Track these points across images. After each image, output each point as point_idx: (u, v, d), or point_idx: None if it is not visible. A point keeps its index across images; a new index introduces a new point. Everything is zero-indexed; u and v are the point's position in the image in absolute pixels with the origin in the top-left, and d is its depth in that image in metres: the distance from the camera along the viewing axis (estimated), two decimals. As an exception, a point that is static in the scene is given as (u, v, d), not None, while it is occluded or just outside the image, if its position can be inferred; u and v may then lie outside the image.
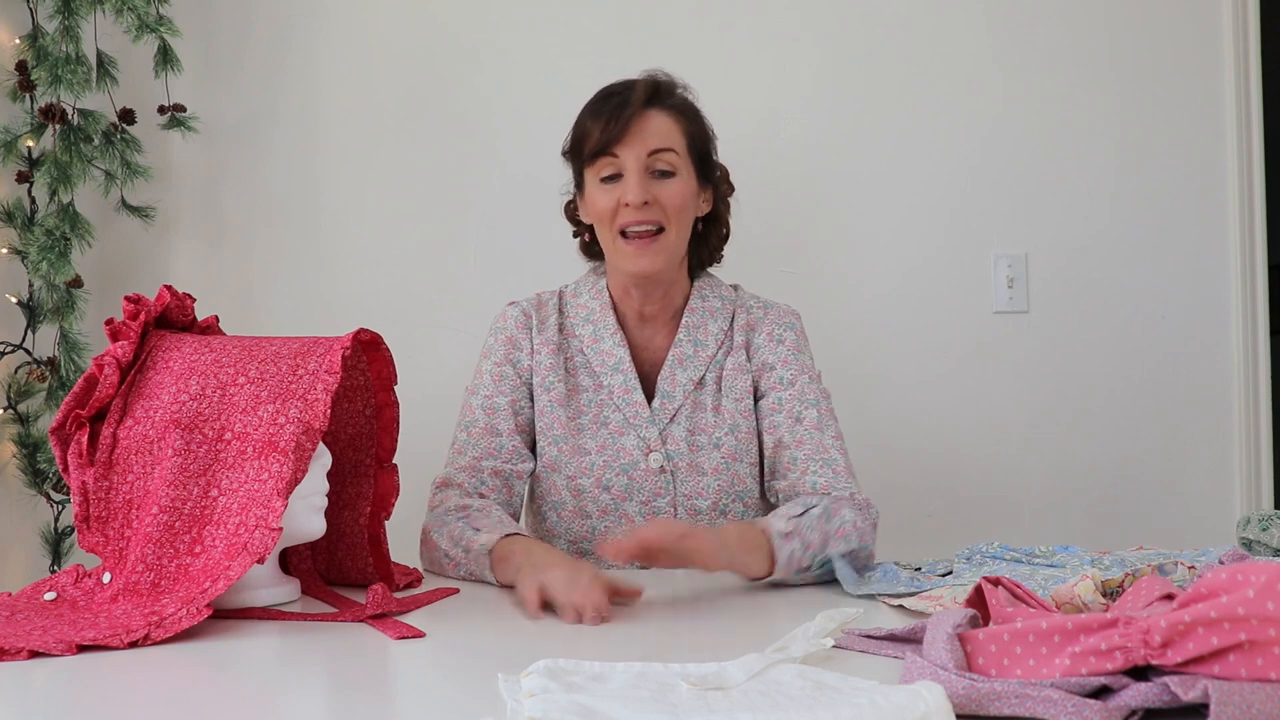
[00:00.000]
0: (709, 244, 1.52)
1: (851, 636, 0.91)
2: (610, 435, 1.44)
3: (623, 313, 1.49)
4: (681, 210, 1.41)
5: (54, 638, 0.95)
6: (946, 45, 2.19)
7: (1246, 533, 1.29)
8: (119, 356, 1.13)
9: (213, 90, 2.15)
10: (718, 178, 1.51)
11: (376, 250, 2.16)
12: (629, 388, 1.45)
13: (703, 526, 1.30)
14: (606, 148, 1.39)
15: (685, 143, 1.43)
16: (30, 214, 1.98)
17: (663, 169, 1.40)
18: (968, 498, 2.16)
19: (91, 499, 1.10)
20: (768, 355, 1.46)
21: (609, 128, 1.38)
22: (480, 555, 1.25)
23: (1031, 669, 0.67)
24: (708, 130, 1.48)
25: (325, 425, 1.09)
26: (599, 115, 1.40)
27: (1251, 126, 2.20)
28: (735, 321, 1.49)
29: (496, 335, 1.50)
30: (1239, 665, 0.61)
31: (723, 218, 1.53)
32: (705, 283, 1.52)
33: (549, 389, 1.46)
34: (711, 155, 1.49)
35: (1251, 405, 2.19)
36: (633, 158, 1.38)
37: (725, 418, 1.44)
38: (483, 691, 0.79)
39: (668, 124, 1.41)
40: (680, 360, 1.46)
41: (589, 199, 1.44)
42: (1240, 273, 2.20)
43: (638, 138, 1.39)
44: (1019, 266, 2.18)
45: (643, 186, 1.38)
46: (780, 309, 1.51)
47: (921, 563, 1.35)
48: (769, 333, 1.47)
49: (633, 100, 1.39)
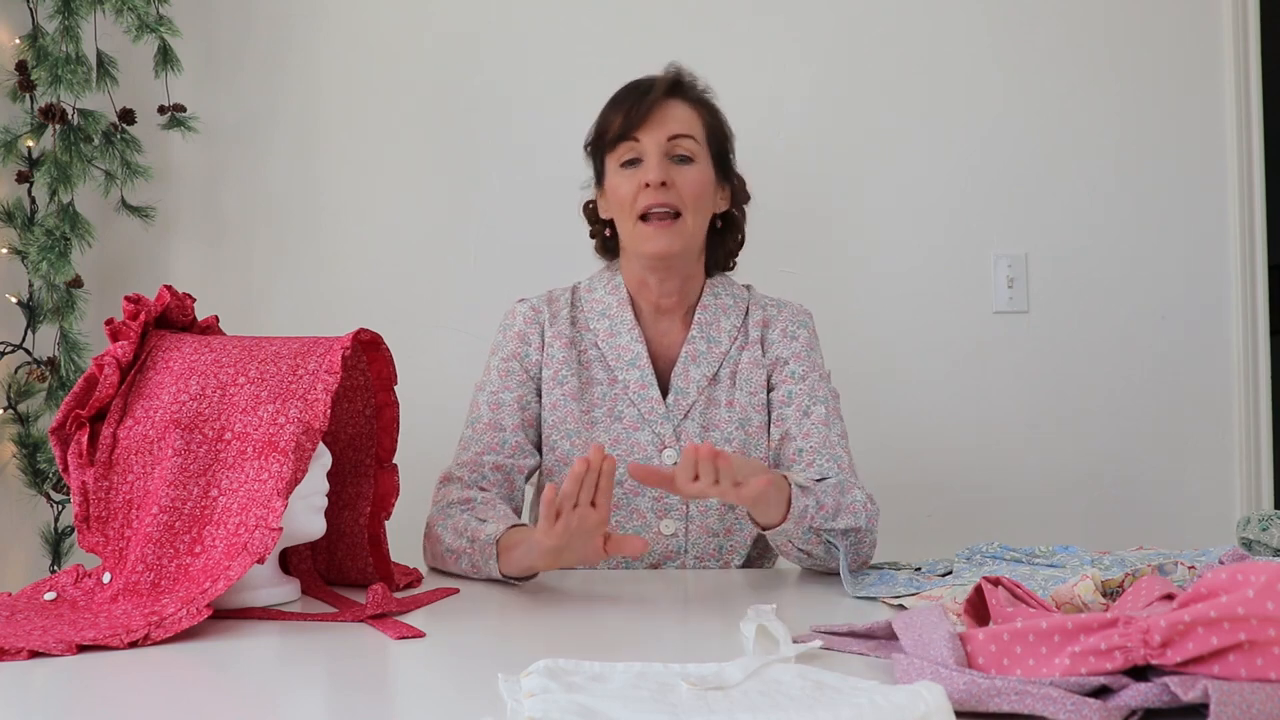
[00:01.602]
0: (725, 246, 1.54)
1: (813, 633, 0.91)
2: (624, 430, 1.45)
3: (639, 306, 1.50)
4: (699, 197, 1.43)
5: (54, 638, 0.95)
6: (947, 45, 2.19)
7: (1246, 533, 1.29)
8: (119, 356, 1.13)
9: (213, 90, 2.15)
10: (736, 184, 1.53)
11: (376, 250, 2.16)
12: (645, 383, 1.46)
13: (738, 455, 1.33)
14: (628, 133, 1.43)
15: (704, 133, 1.46)
16: (30, 214, 1.98)
17: (682, 154, 1.43)
18: (968, 498, 2.16)
19: (91, 499, 1.10)
20: (781, 350, 1.48)
21: (631, 114, 1.42)
22: (487, 545, 1.24)
23: (1032, 669, 0.67)
24: (726, 129, 1.51)
25: (325, 425, 1.09)
26: (621, 105, 1.45)
27: (1251, 126, 2.20)
28: (750, 318, 1.51)
29: (505, 332, 1.50)
30: (1239, 665, 0.61)
31: (739, 224, 1.55)
32: (718, 281, 1.53)
33: (562, 383, 1.46)
34: (729, 154, 1.51)
35: (1251, 405, 2.19)
36: (653, 142, 1.42)
37: (737, 411, 1.45)
38: (483, 691, 0.79)
39: (688, 113, 1.46)
40: (694, 356, 1.47)
41: (610, 188, 1.46)
42: (1240, 273, 2.19)
43: (658, 123, 1.43)
44: (1019, 266, 2.18)
45: (662, 167, 1.41)
46: (794, 307, 1.53)
47: (921, 563, 1.35)
48: (783, 329, 1.49)
49: (655, 89, 1.44)
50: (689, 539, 1.42)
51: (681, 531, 1.42)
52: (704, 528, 1.43)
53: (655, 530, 1.42)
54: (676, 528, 1.42)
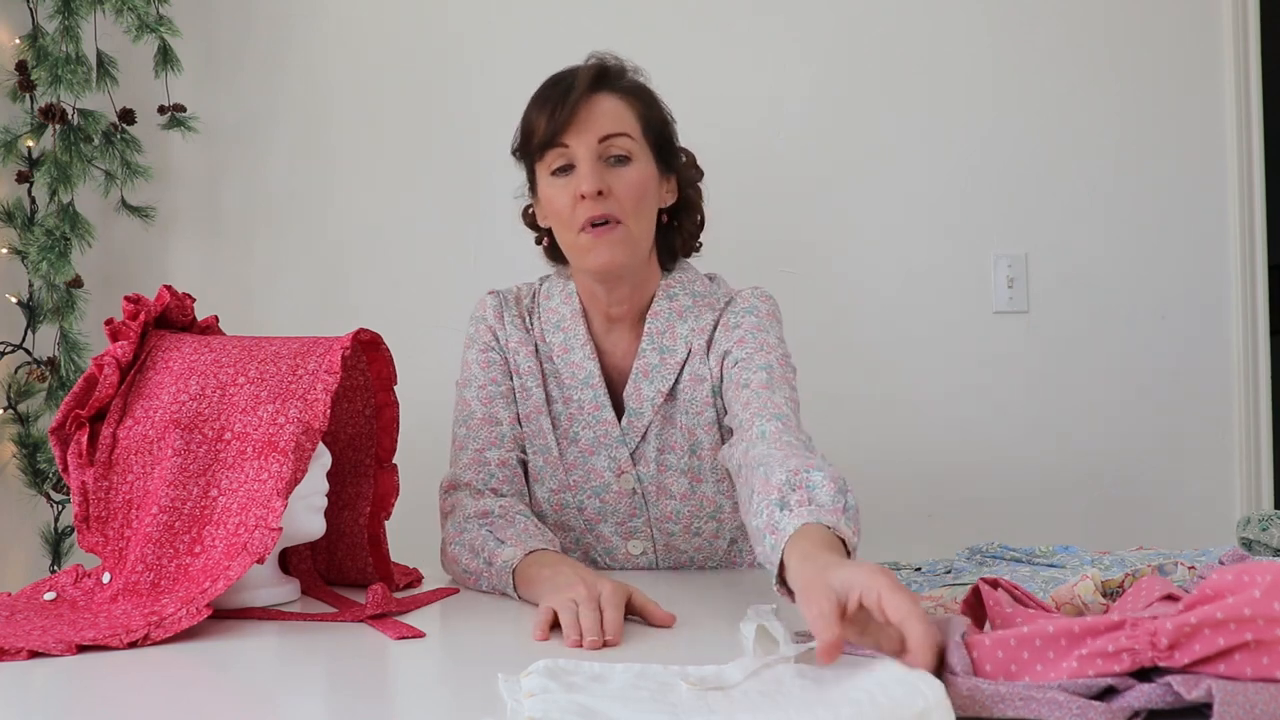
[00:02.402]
0: (683, 234, 1.42)
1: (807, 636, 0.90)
2: (580, 454, 1.37)
3: (590, 317, 1.39)
4: (640, 200, 1.31)
5: (54, 638, 0.95)
6: (947, 45, 2.19)
7: (1246, 533, 1.29)
8: (119, 356, 1.13)
9: (213, 90, 2.15)
10: (682, 164, 1.41)
11: (376, 250, 2.16)
12: (598, 403, 1.36)
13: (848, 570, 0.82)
14: (555, 138, 1.29)
15: (640, 126, 1.33)
16: (30, 214, 1.98)
17: (618, 154, 1.30)
18: (968, 498, 2.16)
19: (91, 499, 1.10)
20: (725, 344, 1.34)
21: (555, 116, 1.28)
22: (503, 572, 1.16)
23: (1039, 674, 0.67)
24: (664, 113, 1.38)
25: (325, 425, 1.08)
26: (544, 105, 1.31)
27: (1251, 126, 2.20)
28: (704, 320, 1.37)
29: (478, 325, 1.42)
30: (1244, 664, 0.61)
31: (695, 204, 1.43)
32: (675, 279, 1.40)
33: (529, 394, 1.38)
34: (672, 140, 1.39)
35: (1251, 405, 2.19)
36: (583, 146, 1.28)
37: (684, 435, 1.36)
38: (483, 691, 0.79)
39: (619, 108, 1.32)
40: (645, 371, 1.36)
41: (543, 198, 1.35)
42: (1240, 273, 2.20)
43: (586, 124, 1.29)
44: (1019, 266, 2.18)
45: (596, 175, 1.28)
46: (744, 294, 1.39)
47: (921, 563, 1.35)
48: (725, 322, 1.36)
49: (578, 85, 1.29)
50: (658, 556, 1.39)
51: (650, 550, 1.39)
52: (668, 546, 1.39)
53: (624, 552, 1.39)
54: (644, 547, 1.39)
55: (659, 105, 1.38)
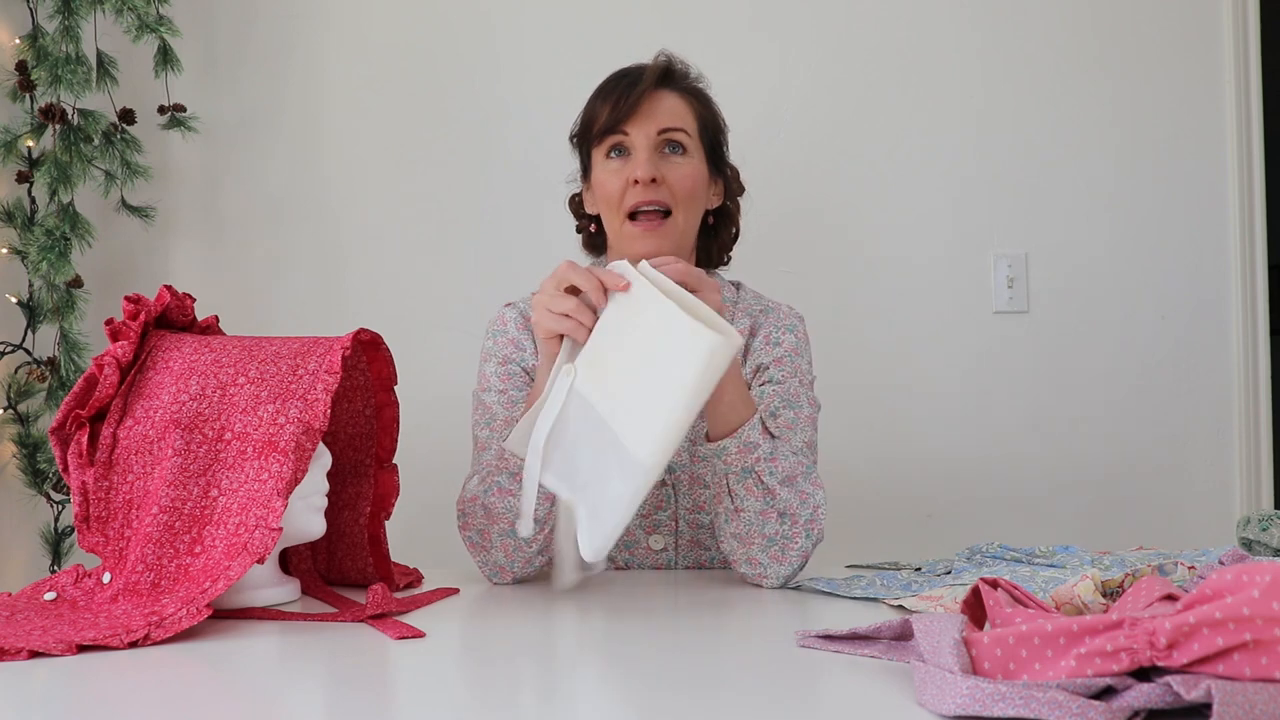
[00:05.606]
0: (719, 241, 1.47)
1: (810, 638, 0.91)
2: None
3: None
4: (691, 194, 1.36)
5: (54, 638, 0.95)
6: (946, 45, 2.19)
7: (1246, 533, 1.29)
8: (119, 356, 1.13)
9: (213, 90, 2.15)
10: (729, 174, 1.46)
11: (376, 250, 2.16)
12: None
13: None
14: (616, 126, 1.35)
15: (697, 125, 1.39)
16: (30, 214, 1.98)
17: (673, 147, 1.36)
18: (968, 498, 2.16)
19: (91, 499, 1.10)
20: (762, 357, 1.39)
21: (619, 106, 1.34)
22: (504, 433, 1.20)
23: (1038, 673, 0.67)
24: (720, 120, 1.44)
25: (325, 425, 1.08)
26: (609, 95, 1.37)
27: (1251, 126, 2.20)
28: (735, 325, 1.41)
29: (496, 338, 1.43)
30: (1243, 664, 0.61)
31: (733, 217, 1.48)
32: None
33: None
34: (723, 146, 1.45)
35: (1251, 405, 2.19)
36: (642, 135, 1.34)
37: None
38: (483, 691, 0.79)
39: (680, 105, 1.38)
40: None
41: (596, 182, 1.39)
42: (1240, 273, 2.20)
43: (648, 116, 1.35)
44: (1019, 266, 2.18)
45: (652, 163, 1.33)
46: (782, 311, 1.45)
47: (921, 563, 1.35)
48: (766, 335, 1.41)
49: (644, 79, 1.35)
50: (678, 553, 1.40)
51: (671, 546, 1.40)
52: (693, 541, 1.40)
53: (645, 546, 1.40)
54: (666, 542, 1.40)
55: (715, 111, 1.44)
